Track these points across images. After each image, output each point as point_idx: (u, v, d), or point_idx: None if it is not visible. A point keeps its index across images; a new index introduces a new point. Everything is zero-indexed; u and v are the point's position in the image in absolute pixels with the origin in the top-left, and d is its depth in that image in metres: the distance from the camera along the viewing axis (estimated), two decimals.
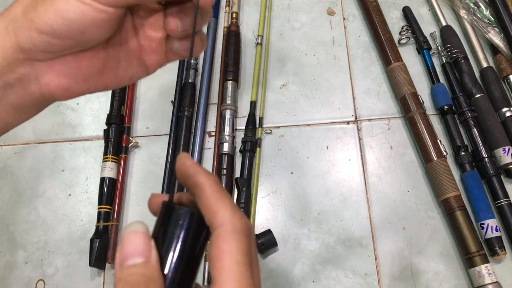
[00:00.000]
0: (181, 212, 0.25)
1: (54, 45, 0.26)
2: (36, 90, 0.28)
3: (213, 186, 0.25)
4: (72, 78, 0.29)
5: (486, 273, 0.55)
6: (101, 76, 0.30)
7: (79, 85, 0.29)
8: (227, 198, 0.25)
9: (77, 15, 0.25)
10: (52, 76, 0.28)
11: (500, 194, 0.60)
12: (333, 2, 0.76)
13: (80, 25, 0.26)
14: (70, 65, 0.28)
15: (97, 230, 0.61)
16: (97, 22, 0.26)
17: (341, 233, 0.62)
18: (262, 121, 0.68)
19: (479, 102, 0.65)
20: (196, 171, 0.25)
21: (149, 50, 0.31)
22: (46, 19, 0.25)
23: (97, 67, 0.29)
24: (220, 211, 0.24)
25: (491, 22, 0.70)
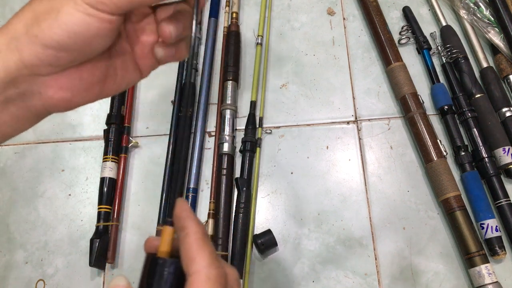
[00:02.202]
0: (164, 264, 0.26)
1: (60, 58, 0.27)
2: (38, 103, 0.29)
3: (198, 233, 0.26)
4: (75, 90, 0.29)
5: (486, 273, 0.55)
6: (101, 85, 0.30)
7: (81, 95, 0.30)
8: (209, 247, 0.26)
9: (82, 27, 0.26)
10: (55, 90, 0.28)
11: (500, 194, 0.60)
12: (333, 2, 0.76)
13: (85, 37, 0.26)
14: (73, 77, 0.28)
15: (97, 230, 0.61)
16: (101, 32, 0.27)
17: (341, 233, 0.62)
18: (262, 121, 0.68)
19: (479, 102, 0.65)
20: (187, 216, 0.27)
21: (142, 55, 0.32)
22: (52, 34, 0.25)
23: (97, 77, 0.30)
24: (198, 258, 0.25)
25: (491, 22, 0.70)
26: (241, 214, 0.60)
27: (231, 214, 0.62)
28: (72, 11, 0.25)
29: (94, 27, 0.26)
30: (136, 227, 0.63)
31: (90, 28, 0.26)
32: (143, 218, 0.64)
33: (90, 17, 0.26)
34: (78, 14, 0.25)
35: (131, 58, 0.32)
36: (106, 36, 0.27)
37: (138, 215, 0.64)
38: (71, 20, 0.25)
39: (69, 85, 0.28)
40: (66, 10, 0.25)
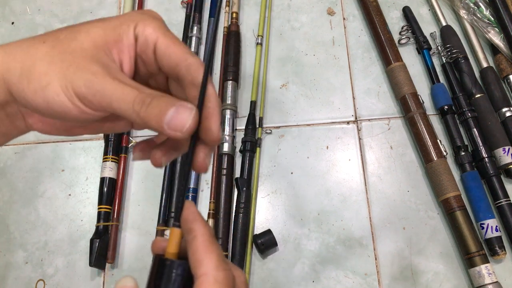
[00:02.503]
0: (172, 265, 0.26)
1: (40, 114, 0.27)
2: (22, 124, 0.29)
3: (206, 235, 0.26)
4: (54, 128, 0.29)
5: (486, 273, 0.55)
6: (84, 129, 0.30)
7: (60, 133, 0.30)
8: (217, 250, 0.26)
9: (62, 110, 0.25)
10: (35, 121, 0.29)
11: (500, 194, 0.60)
12: (333, 2, 0.76)
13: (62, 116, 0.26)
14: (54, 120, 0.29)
15: (97, 230, 0.61)
16: (79, 119, 0.26)
17: (341, 233, 0.62)
18: (262, 121, 0.68)
19: (479, 102, 0.65)
20: (195, 218, 0.26)
21: None
22: (33, 99, 0.25)
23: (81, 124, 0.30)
24: (205, 260, 0.25)
25: (491, 22, 0.70)
26: (241, 214, 0.60)
27: (231, 214, 0.62)
28: (58, 92, 0.25)
29: (73, 113, 0.26)
30: (136, 227, 0.63)
31: (69, 113, 0.26)
32: (143, 218, 0.64)
33: (73, 105, 0.25)
34: (62, 97, 0.25)
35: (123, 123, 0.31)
36: (84, 121, 0.27)
37: (138, 215, 0.64)
38: (54, 98, 0.25)
39: (50, 123, 0.29)
40: (54, 88, 0.25)
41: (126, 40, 0.27)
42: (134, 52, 0.27)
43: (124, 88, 0.25)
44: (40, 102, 0.25)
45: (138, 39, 0.27)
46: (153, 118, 0.25)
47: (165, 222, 0.62)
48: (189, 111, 0.25)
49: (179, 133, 0.25)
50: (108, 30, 0.27)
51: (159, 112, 0.25)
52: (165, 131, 0.25)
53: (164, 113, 0.25)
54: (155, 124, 0.25)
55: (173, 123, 0.25)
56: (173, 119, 0.25)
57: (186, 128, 0.25)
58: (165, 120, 0.25)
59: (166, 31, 0.27)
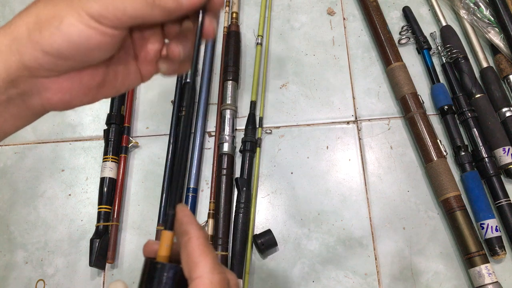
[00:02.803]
0: (163, 268, 0.26)
1: (60, 65, 0.27)
2: (37, 103, 0.29)
3: (201, 238, 0.26)
4: (74, 93, 0.29)
5: (486, 273, 0.55)
6: (101, 89, 0.30)
7: (79, 98, 0.30)
8: (212, 253, 0.26)
9: (83, 39, 0.26)
10: (54, 92, 0.28)
11: (500, 194, 0.60)
12: (333, 2, 0.76)
13: (85, 48, 0.26)
14: (72, 80, 0.28)
15: (97, 230, 0.61)
16: (102, 44, 0.27)
17: (341, 233, 0.62)
18: (262, 121, 0.68)
19: (479, 102, 0.65)
20: (189, 221, 0.27)
21: (145, 61, 0.32)
22: (52, 42, 0.25)
23: (97, 81, 0.30)
24: (201, 263, 0.25)
25: (491, 22, 0.70)
26: (241, 214, 0.60)
27: (231, 214, 0.62)
28: (74, 22, 0.25)
29: (95, 40, 0.26)
30: (136, 227, 0.63)
31: (91, 40, 0.26)
32: (143, 218, 0.64)
33: (92, 29, 0.26)
34: (80, 25, 0.25)
35: (134, 64, 0.32)
36: (107, 48, 0.27)
37: (138, 215, 0.64)
38: (72, 31, 0.25)
39: (68, 88, 0.28)
40: (69, 20, 0.25)
41: None
42: None
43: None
44: (60, 42, 0.25)
45: None
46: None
47: (165, 222, 0.62)
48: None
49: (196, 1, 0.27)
50: None
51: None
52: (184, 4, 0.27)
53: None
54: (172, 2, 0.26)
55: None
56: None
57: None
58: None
59: None
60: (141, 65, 0.32)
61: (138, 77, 0.33)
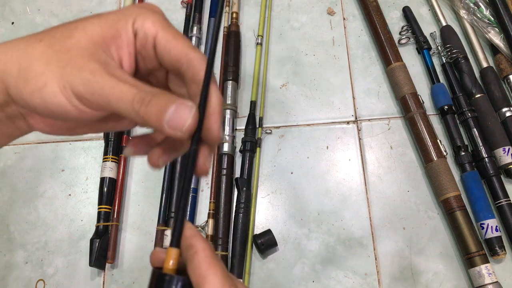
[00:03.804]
0: (171, 280, 0.25)
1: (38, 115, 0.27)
2: (24, 125, 0.29)
3: (207, 251, 0.25)
4: (55, 128, 0.29)
5: (486, 273, 0.55)
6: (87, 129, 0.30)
7: (62, 132, 0.29)
8: (220, 265, 0.25)
9: (60, 110, 0.25)
10: (36, 121, 0.28)
11: (500, 194, 0.60)
12: (333, 2, 0.76)
13: (61, 117, 0.26)
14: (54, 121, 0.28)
15: (97, 230, 0.61)
16: (79, 118, 0.26)
17: (341, 233, 0.62)
18: (262, 121, 0.68)
19: (479, 102, 0.65)
20: (194, 234, 0.26)
21: None
22: (31, 99, 0.25)
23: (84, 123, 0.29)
24: (210, 277, 0.24)
25: (491, 22, 0.70)
26: (241, 214, 0.60)
27: (231, 214, 0.62)
28: (56, 92, 0.24)
29: (72, 114, 0.25)
30: (136, 227, 0.63)
31: (68, 113, 0.25)
32: (143, 218, 0.64)
33: (71, 105, 0.25)
34: (60, 97, 0.24)
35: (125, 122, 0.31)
36: (84, 121, 0.27)
37: (138, 215, 0.64)
38: (52, 99, 0.24)
39: (49, 123, 0.28)
40: (52, 88, 0.24)
41: (125, 35, 0.26)
42: (134, 48, 0.27)
43: (122, 86, 0.24)
44: (38, 103, 0.25)
45: (137, 34, 0.26)
46: (153, 117, 0.24)
47: (165, 222, 0.62)
48: (188, 109, 0.24)
49: (179, 132, 0.24)
50: (106, 26, 0.26)
51: (159, 111, 0.24)
52: (165, 130, 0.24)
53: (163, 112, 0.24)
54: (155, 123, 0.24)
55: (172, 121, 0.24)
56: (172, 118, 0.24)
57: (186, 127, 0.24)
58: (165, 119, 0.24)
59: (166, 25, 0.27)
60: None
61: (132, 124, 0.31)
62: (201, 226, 0.62)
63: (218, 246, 0.59)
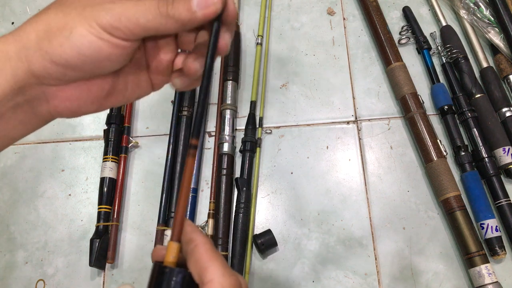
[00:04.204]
0: (171, 273, 0.26)
1: (68, 75, 0.26)
2: (44, 110, 0.28)
3: (207, 244, 0.26)
4: (81, 102, 0.29)
5: (486, 273, 0.55)
6: (109, 97, 0.30)
7: (87, 107, 0.29)
8: (220, 257, 0.26)
9: (93, 50, 0.25)
10: (61, 100, 0.28)
11: (500, 194, 0.60)
12: (333, 2, 0.76)
13: (95, 59, 0.26)
14: (80, 89, 0.28)
15: (97, 230, 0.61)
16: (112, 56, 0.26)
17: (341, 233, 0.62)
18: (262, 121, 0.68)
19: (479, 102, 0.65)
20: (193, 229, 0.27)
21: (157, 71, 0.31)
22: (61, 52, 0.25)
23: (106, 90, 0.29)
24: (211, 268, 0.25)
25: (491, 22, 0.70)
26: (241, 214, 0.60)
27: (231, 214, 0.62)
28: (85, 33, 0.25)
29: (105, 52, 0.26)
30: (136, 227, 0.63)
31: (101, 52, 0.26)
32: (143, 218, 0.64)
33: (103, 41, 0.25)
34: (90, 37, 0.25)
35: (145, 74, 0.31)
36: (118, 60, 0.27)
37: (138, 215, 0.64)
38: (82, 42, 0.25)
39: (75, 96, 0.28)
40: (79, 31, 0.25)
41: None
42: None
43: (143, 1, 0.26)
44: (69, 52, 0.25)
45: None
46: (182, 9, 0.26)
47: (165, 222, 0.62)
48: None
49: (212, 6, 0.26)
50: None
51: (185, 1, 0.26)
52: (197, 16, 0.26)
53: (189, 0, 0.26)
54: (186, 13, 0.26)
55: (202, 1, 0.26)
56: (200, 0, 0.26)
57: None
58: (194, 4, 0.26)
59: None
60: (152, 74, 0.32)
61: (148, 87, 0.32)
62: (201, 226, 0.62)
63: (218, 246, 0.59)
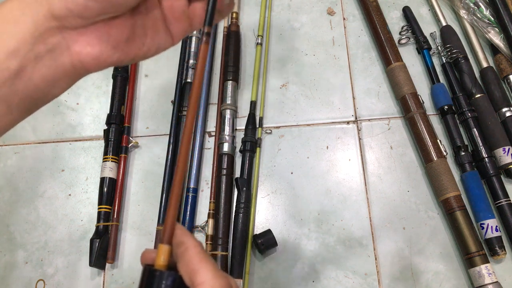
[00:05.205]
0: (161, 276, 0.26)
1: (90, 8, 0.26)
2: (67, 61, 0.28)
3: (198, 247, 0.26)
4: (103, 46, 0.28)
5: (486, 273, 0.55)
6: (130, 44, 0.30)
7: (109, 53, 0.29)
8: (210, 259, 0.26)
9: None
10: (83, 44, 0.28)
11: (500, 194, 0.60)
12: (333, 2, 0.76)
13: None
14: (100, 32, 0.28)
15: (97, 230, 0.61)
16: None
17: (341, 233, 0.62)
18: (262, 121, 0.68)
19: (479, 102, 0.65)
20: (183, 232, 0.27)
21: (173, 18, 0.31)
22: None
23: (126, 34, 0.29)
24: (201, 270, 0.25)
25: (491, 22, 0.70)
26: (241, 214, 0.60)
27: (231, 214, 0.62)
28: None
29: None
30: (136, 227, 0.63)
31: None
32: (143, 218, 0.64)
33: None
34: None
35: (162, 21, 0.31)
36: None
37: (138, 215, 0.64)
38: None
39: (96, 40, 0.28)
40: None
41: None
42: None
43: None
44: None
45: None
46: None
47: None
48: None
49: None
50: None
51: None
52: None
53: None
54: None
55: None
56: None
57: None
58: None
59: None
60: (169, 23, 0.31)
61: (168, 37, 0.32)
62: (201, 226, 0.62)
63: (218, 246, 0.59)
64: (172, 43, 0.33)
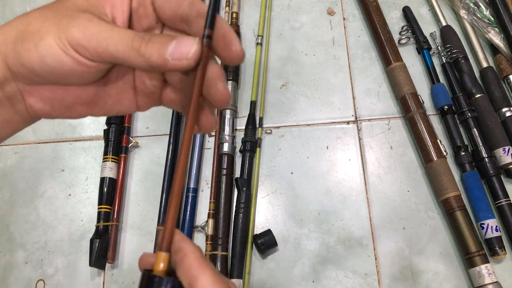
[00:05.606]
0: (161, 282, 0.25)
1: (36, 80, 0.26)
2: (22, 108, 0.28)
3: (197, 253, 0.26)
4: (54, 105, 0.28)
5: (486, 273, 0.55)
6: (87, 107, 0.29)
7: (61, 111, 0.29)
8: (210, 265, 0.26)
9: (56, 63, 0.25)
10: (36, 100, 0.28)
11: (500, 194, 0.60)
12: (333, 2, 0.76)
13: (58, 71, 0.25)
14: (55, 93, 0.27)
15: (97, 230, 0.61)
16: (76, 72, 0.25)
17: (341, 233, 0.62)
18: (262, 121, 0.68)
19: (479, 102, 0.65)
20: (182, 238, 0.26)
21: (143, 93, 0.30)
22: (28, 57, 0.25)
23: (84, 99, 0.28)
24: (201, 276, 0.25)
25: (491, 22, 0.70)
26: (241, 214, 0.60)
27: (231, 214, 0.62)
28: (51, 44, 0.24)
29: (68, 66, 0.25)
30: (136, 227, 0.64)
31: (64, 66, 0.25)
32: (143, 218, 0.64)
33: (67, 56, 0.24)
34: (55, 49, 0.24)
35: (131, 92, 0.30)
36: (81, 76, 0.26)
37: (138, 215, 0.64)
38: (47, 52, 0.24)
39: (50, 99, 0.28)
40: (47, 40, 0.24)
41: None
42: (128, 6, 0.27)
43: (120, 30, 0.24)
44: (34, 59, 0.25)
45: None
46: (155, 52, 0.24)
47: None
48: (191, 40, 0.24)
49: (184, 60, 0.24)
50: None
51: (161, 45, 0.24)
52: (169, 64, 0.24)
53: (166, 45, 0.24)
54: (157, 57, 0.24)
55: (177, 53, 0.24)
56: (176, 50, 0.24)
57: (192, 54, 0.24)
58: (168, 51, 0.24)
59: None
60: (138, 95, 0.30)
61: (133, 106, 0.31)
62: (201, 226, 0.62)
63: (218, 246, 0.59)
64: (136, 110, 0.31)
